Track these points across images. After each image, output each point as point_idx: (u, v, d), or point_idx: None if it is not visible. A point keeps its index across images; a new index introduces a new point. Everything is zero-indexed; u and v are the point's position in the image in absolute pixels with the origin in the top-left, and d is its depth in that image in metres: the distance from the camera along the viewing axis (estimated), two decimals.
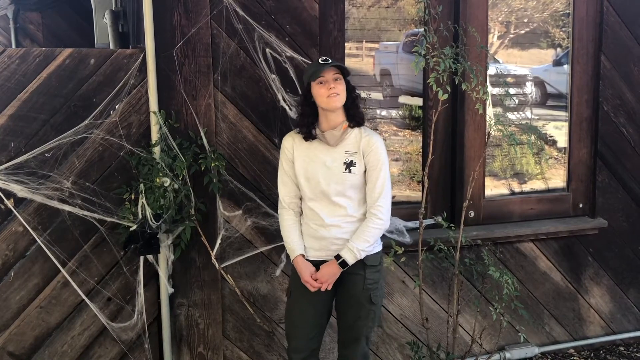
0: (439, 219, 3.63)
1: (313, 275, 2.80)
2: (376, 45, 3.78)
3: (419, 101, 3.74)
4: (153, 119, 3.10)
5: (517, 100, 4.02)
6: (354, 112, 2.82)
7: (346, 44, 3.52)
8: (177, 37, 3.10)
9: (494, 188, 3.95)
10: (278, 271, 3.41)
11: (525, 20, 3.96)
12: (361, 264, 2.82)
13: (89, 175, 3.07)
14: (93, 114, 3.03)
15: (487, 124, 3.64)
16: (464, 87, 3.13)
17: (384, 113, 3.79)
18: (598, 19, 3.92)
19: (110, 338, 3.21)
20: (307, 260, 2.86)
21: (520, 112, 4.08)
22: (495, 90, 3.88)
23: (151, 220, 3.02)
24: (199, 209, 3.18)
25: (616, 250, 4.12)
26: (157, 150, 3.09)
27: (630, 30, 3.96)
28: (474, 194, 3.69)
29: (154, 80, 3.08)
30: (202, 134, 3.16)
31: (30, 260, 3.06)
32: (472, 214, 3.80)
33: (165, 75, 3.11)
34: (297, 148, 2.86)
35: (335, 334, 3.24)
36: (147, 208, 3.01)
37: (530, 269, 3.93)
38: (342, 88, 2.77)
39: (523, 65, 4.07)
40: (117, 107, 3.07)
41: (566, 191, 4.06)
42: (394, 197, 3.73)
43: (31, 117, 2.97)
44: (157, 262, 3.19)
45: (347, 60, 3.53)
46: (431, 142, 3.29)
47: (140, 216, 3.03)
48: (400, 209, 3.65)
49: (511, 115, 4.02)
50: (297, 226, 2.91)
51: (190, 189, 3.13)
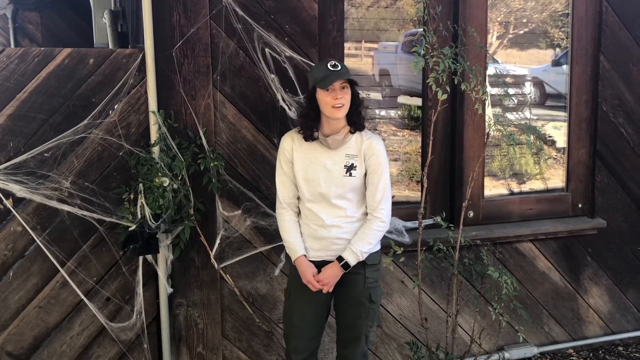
0: (438, 219, 3.63)
1: (315, 277, 2.80)
2: (375, 45, 3.78)
3: (418, 101, 3.74)
4: (152, 118, 3.10)
5: (516, 101, 4.02)
6: (356, 119, 2.81)
7: (345, 44, 3.52)
8: (176, 37, 3.10)
9: (493, 188, 3.95)
10: (277, 271, 3.41)
11: (525, 20, 3.96)
12: (361, 263, 2.83)
13: (88, 175, 3.07)
14: (92, 114, 3.03)
15: (487, 124, 3.64)
16: (463, 87, 3.13)
17: (383, 113, 3.79)
18: (597, 19, 3.92)
19: (109, 338, 3.21)
20: (309, 261, 2.86)
21: (520, 112, 4.08)
22: (495, 91, 3.88)
23: (150, 220, 3.02)
24: (198, 208, 3.18)
25: (615, 251, 4.12)
26: (156, 150, 3.09)
27: (629, 31, 3.96)
28: (473, 194, 3.69)
29: (153, 80, 3.08)
30: (201, 134, 3.16)
31: (29, 260, 3.05)
32: (471, 214, 3.80)
33: (164, 75, 3.11)
34: (296, 149, 2.85)
35: (334, 333, 3.24)
36: (146, 208, 3.01)
37: (529, 269, 3.93)
38: (348, 97, 2.75)
39: (522, 65, 4.07)
40: (116, 107, 3.07)
41: (565, 191, 4.06)
42: (393, 197, 3.72)
43: (30, 116, 2.97)
44: (156, 262, 3.19)
45: (346, 60, 3.53)
46: (430, 142, 3.29)
47: (140, 216, 3.03)
48: (400, 209, 3.64)
49: (510, 116, 4.02)
50: (297, 226, 2.90)
51: (190, 188, 3.12)
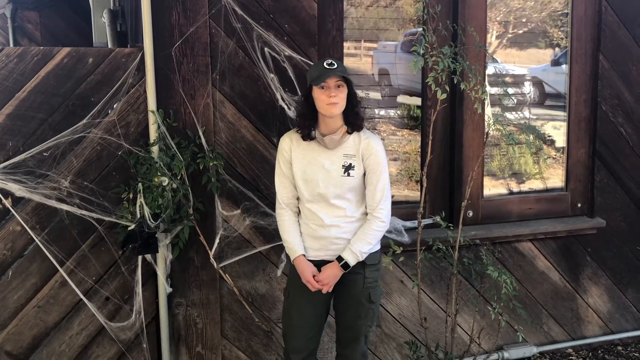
0: (438, 218, 3.63)
1: (315, 277, 2.80)
2: (375, 45, 3.78)
3: (417, 101, 3.74)
4: (151, 118, 3.10)
5: (515, 100, 4.02)
6: (353, 119, 2.79)
7: (345, 44, 3.52)
8: (175, 36, 3.10)
9: (492, 188, 3.95)
10: (279, 272, 3.41)
11: (524, 20, 3.96)
12: (361, 263, 2.83)
13: (87, 175, 3.06)
14: (91, 113, 3.02)
15: (486, 123, 3.64)
16: (462, 86, 3.13)
17: (382, 113, 3.79)
18: (596, 18, 3.92)
19: (109, 338, 3.20)
20: (308, 260, 2.86)
21: (519, 112, 4.08)
22: (494, 90, 3.88)
23: (149, 220, 3.02)
24: (197, 208, 3.17)
25: (614, 250, 4.12)
26: (155, 149, 3.08)
27: (628, 30, 3.96)
28: (473, 194, 3.69)
29: (152, 79, 3.08)
30: (201, 133, 3.16)
31: (28, 259, 3.05)
32: (471, 214, 3.80)
33: (163, 75, 3.10)
34: (294, 149, 2.85)
35: (333, 333, 3.24)
36: (146, 207, 3.01)
37: (529, 268, 3.93)
38: (343, 96, 2.74)
39: (521, 65, 4.07)
40: (115, 106, 3.06)
41: (564, 191, 4.06)
42: (392, 197, 3.72)
43: (29, 116, 2.97)
44: (156, 261, 3.19)
45: (346, 59, 3.53)
46: (430, 142, 3.29)
47: (139, 215, 3.03)
48: (399, 208, 3.64)
49: (510, 115, 4.02)
50: (297, 226, 2.90)
51: (189, 188, 3.12)
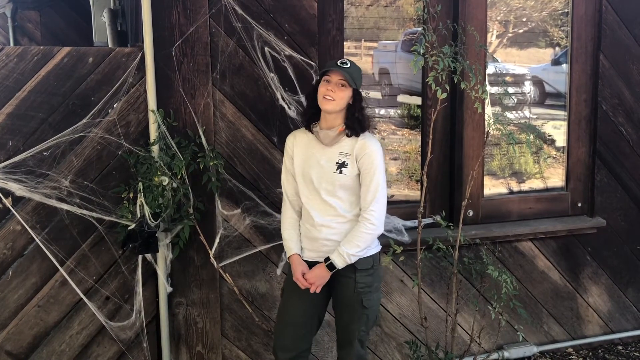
0: (438, 218, 3.63)
1: (304, 275, 2.82)
2: (375, 44, 3.78)
3: (417, 100, 3.74)
4: (151, 117, 3.10)
5: (515, 100, 4.02)
6: (352, 123, 2.78)
7: (345, 43, 3.52)
8: (175, 36, 3.09)
9: (492, 187, 3.95)
10: (279, 271, 3.41)
11: (524, 19, 3.96)
12: (351, 267, 2.81)
13: (87, 174, 3.06)
14: (91, 113, 3.02)
15: (486, 123, 3.64)
16: (462, 86, 3.13)
17: (382, 112, 3.79)
18: (597, 18, 3.92)
19: (109, 337, 3.21)
20: (303, 260, 2.87)
21: (519, 111, 4.08)
22: (494, 90, 3.88)
23: (150, 219, 3.02)
24: (197, 207, 3.17)
25: (615, 250, 4.12)
26: (155, 149, 3.08)
27: (629, 30, 3.96)
28: (473, 193, 3.69)
29: (152, 78, 3.08)
30: (201, 133, 3.16)
31: (28, 259, 3.05)
32: (471, 213, 3.80)
33: (163, 74, 3.10)
34: (296, 145, 2.89)
35: (334, 333, 3.24)
36: (146, 207, 3.01)
37: (529, 268, 3.93)
38: (343, 95, 2.74)
39: (522, 64, 4.07)
40: (115, 105, 3.06)
41: (565, 190, 4.06)
42: (392, 197, 3.74)
43: (29, 115, 2.97)
44: (156, 261, 3.19)
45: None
46: (430, 141, 3.29)
47: (139, 215, 3.03)
48: (399, 208, 3.65)
49: (510, 115, 4.02)
50: (296, 225, 2.92)
51: (189, 187, 3.12)
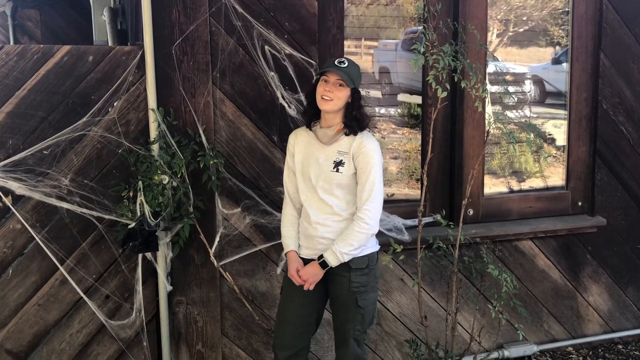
0: (438, 217, 3.63)
1: (298, 272, 2.84)
2: (375, 43, 3.78)
3: (418, 99, 3.74)
4: (151, 116, 3.09)
5: (516, 99, 4.02)
6: (350, 121, 2.79)
7: (345, 42, 3.52)
8: (175, 34, 3.09)
9: (492, 186, 3.95)
10: (279, 270, 3.41)
11: (524, 18, 3.96)
12: (346, 266, 2.81)
13: (87, 173, 3.06)
14: (91, 111, 3.02)
15: (486, 122, 3.63)
16: (463, 84, 3.13)
17: (382, 111, 3.79)
18: (597, 17, 3.92)
19: (109, 336, 3.20)
20: (300, 257, 2.89)
21: (519, 110, 4.08)
22: (495, 88, 3.88)
23: (150, 218, 3.02)
24: (197, 206, 3.17)
25: (615, 249, 4.12)
26: (155, 147, 3.08)
27: (629, 29, 3.96)
28: (473, 192, 3.68)
29: (152, 77, 3.07)
30: (201, 132, 3.15)
31: (28, 257, 3.05)
32: (471, 212, 3.80)
33: (163, 73, 3.10)
34: (297, 143, 2.91)
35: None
36: (146, 206, 3.01)
37: (529, 267, 3.93)
38: (341, 95, 2.75)
39: (522, 63, 4.06)
40: (115, 104, 3.06)
41: (565, 189, 4.06)
42: (392, 195, 3.74)
43: (29, 114, 2.96)
44: (156, 259, 3.19)
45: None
46: (430, 140, 3.29)
47: (139, 214, 3.02)
48: (399, 207, 3.64)
49: (510, 114, 4.02)
50: (295, 222, 2.94)
51: (189, 186, 3.12)
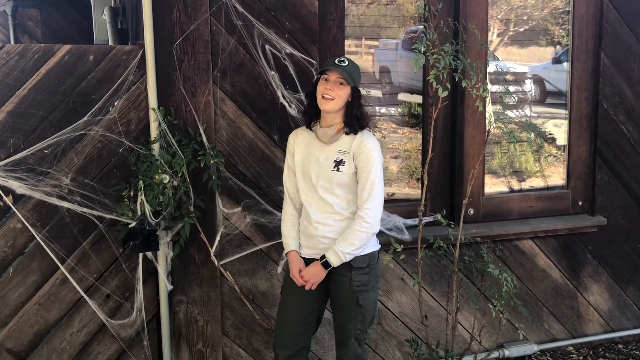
0: (439, 216, 3.63)
1: (300, 272, 2.83)
2: (375, 43, 3.77)
3: (418, 99, 3.74)
4: (152, 115, 3.09)
5: (516, 98, 4.02)
6: (350, 120, 2.79)
7: (345, 41, 3.52)
8: (176, 34, 3.09)
9: (493, 186, 3.95)
10: (279, 269, 3.41)
11: (525, 17, 3.96)
12: (347, 265, 2.80)
13: (87, 172, 3.06)
14: (92, 111, 3.02)
15: (487, 121, 3.64)
16: (463, 84, 3.13)
17: (383, 110, 3.79)
18: (598, 16, 3.92)
19: (109, 335, 3.21)
20: (301, 257, 2.88)
21: (520, 110, 4.08)
22: (495, 88, 3.88)
23: (150, 217, 3.02)
24: (198, 206, 3.17)
25: (615, 248, 4.12)
26: (156, 147, 3.08)
27: (630, 28, 3.96)
28: (474, 192, 3.69)
29: (153, 76, 3.07)
30: (201, 131, 3.15)
31: (28, 257, 3.05)
32: (472, 212, 3.80)
33: (164, 72, 3.10)
34: (297, 143, 2.91)
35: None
36: (146, 205, 3.01)
37: (530, 266, 3.93)
38: (342, 94, 2.75)
39: (522, 62, 4.06)
40: (116, 103, 3.06)
41: (565, 189, 4.06)
42: (393, 195, 3.74)
43: (30, 113, 2.96)
44: (156, 259, 3.19)
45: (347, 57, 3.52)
46: (431, 140, 3.29)
47: (139, 213, 3.02)
48: (400, 206, 3.64)
49: (511, 113, 4.02)
50: (296, 222, 2.93)
51: (190, 186, 3.12)
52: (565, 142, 4.04)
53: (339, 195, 2.81)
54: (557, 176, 4.09)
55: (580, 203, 4.06)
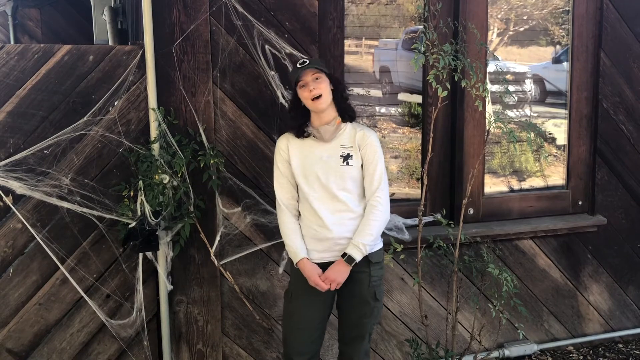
0: (438, 216, 3.63)
1: (321, 276, 2.79)
2: (375, 43, 3.77)
3: (418, 98, 3.74)
4: (152, 115, 3.09)
5: (516, 98, 4.02)
6: (344, 106, 2.82)
7: (345, 41, 3.52)
8: (176, 34, 3.09)
9: (493, 185, 3.95)
10: (280, 269, 3.41)
11: (525, 17, 3.96)
12: (366, 261, 2.81)
13: (87, 172, 3.06)
14: (92, 111, 3.02)
15: (487, 121, 3.64)
16: (463, 84, 3.13)
17: (383, 110, 3.79)
18: (598, 16, 3.92)
19: (109, 335, 3.21)
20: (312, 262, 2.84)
21: (520, 110, 4.08)
22: (495, 88, 3.88)
23: (150, 217, 3.02)
24: (198, 205, 3.17)
25: (615, 248, 4.12)
26: (156, 147, 3.08)
27: (630, 28, 3.95)
28: (473, 192, 3.69)
29: (152, 76, 3.07)
30: (201, 131, 3.16)
31: (29, 257, 3.05)
32: (472, 212, 3.80)
33: (164, 72, 3.10)
34: (292, 147, 2.85)
35: (334, 330, 3.24)
36: (146, 205, 3.01)
37: (529, 266, 3.93)
38: (324, 86, 2.76)
39: (522, 62, 4.06)
40: (116, 103, 3.06)
41: (565, 188, 4.06)
42: (392, 195, 3.73)
43: (30, 113, 2.97)
44: (156, 259, 3.19)
45: (347, 57, 3.53)
46: (430, 140, 3.29)
47: (139, 213, 3.03)
48: (400, 206, 3.64)
49: (510, 113, 4.02)
50: (298, 228, 2.87)
51: (189, 185, 3.12)
52: (565, 141, 4.04)
53: (351, 191, 2.81)
54: (557, 176, 4.09)
55: (580, 203, 4.06)
